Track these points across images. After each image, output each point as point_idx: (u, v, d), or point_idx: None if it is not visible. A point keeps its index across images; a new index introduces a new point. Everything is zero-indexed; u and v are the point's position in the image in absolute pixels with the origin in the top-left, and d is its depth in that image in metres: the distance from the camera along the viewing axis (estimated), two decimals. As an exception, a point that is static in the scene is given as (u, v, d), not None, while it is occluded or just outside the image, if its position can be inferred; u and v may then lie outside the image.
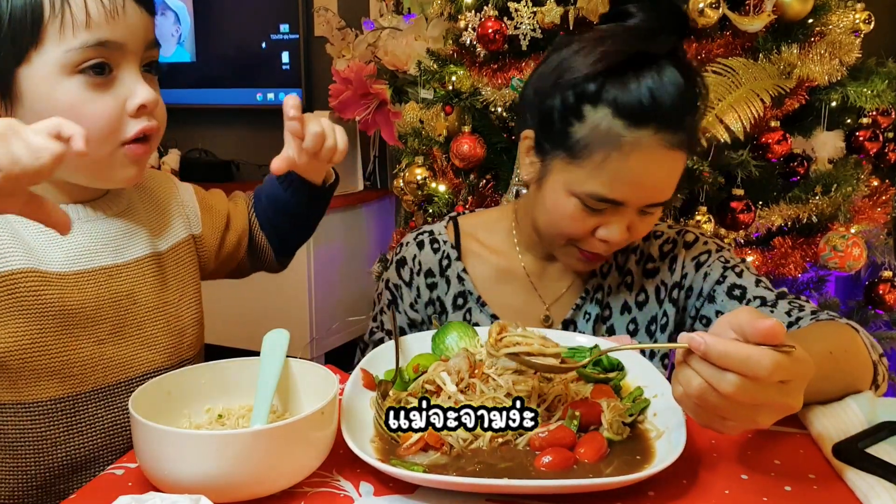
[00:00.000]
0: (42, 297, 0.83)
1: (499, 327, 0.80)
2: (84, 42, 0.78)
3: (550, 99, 0.98)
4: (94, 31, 0.79)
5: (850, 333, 0.90)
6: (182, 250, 1.00)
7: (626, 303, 1.12)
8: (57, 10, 0.78)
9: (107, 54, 0.80)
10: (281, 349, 0.83)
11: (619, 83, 0.92)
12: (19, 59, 0.79)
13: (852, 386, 0.87)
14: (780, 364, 0.61)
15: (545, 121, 0.99)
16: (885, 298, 1.81)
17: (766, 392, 0.62)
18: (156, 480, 0.67)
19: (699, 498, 0.68)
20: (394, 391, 0.84)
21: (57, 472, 0.86)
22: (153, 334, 0.92)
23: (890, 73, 1.70)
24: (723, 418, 0.65)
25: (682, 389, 0.66)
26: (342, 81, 2.53)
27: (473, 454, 0.72)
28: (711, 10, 1.54)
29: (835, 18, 1.65)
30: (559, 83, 0.96)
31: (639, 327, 1.11)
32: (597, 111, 0.93)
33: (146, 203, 0.98)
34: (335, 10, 2.97)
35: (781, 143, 1.63)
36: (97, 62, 0.80)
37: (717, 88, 1.51)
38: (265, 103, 3.25)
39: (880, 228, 1.83)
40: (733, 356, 0.61)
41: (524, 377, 0.81)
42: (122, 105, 0.82)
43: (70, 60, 0.79)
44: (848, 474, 0.70)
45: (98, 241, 0.89)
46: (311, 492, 0.69)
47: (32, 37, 0.78)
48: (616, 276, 1.13)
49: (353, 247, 3.00)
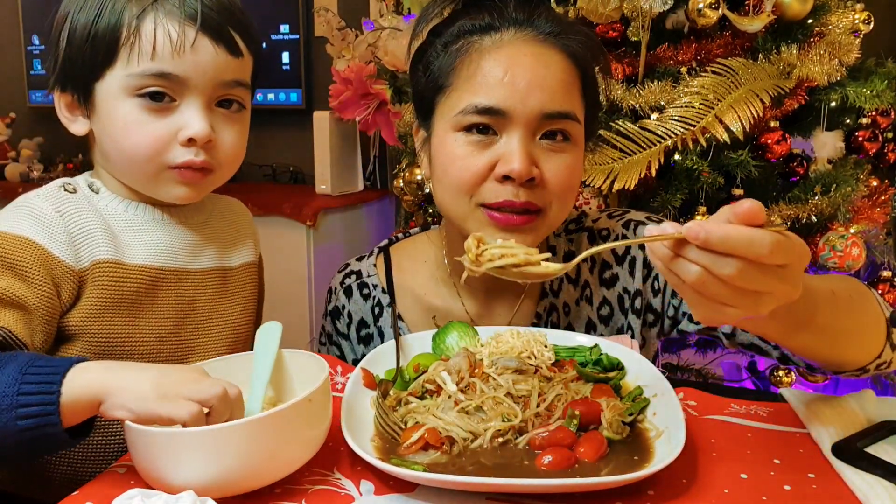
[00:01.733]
0: (120, 288, 0.89)
1: (476, 241, 0.72)
2: (144, 70, 0.85)
3: (418, 73, 0.99)
4: (157, 62, 0.85)
5: (862, 287, 0.88)
6: (249, 271, 1.06)
7: (589, 319, 1.05)
8: (131, 38, 0.85)
9: (166, 85, 0.86)
10: (274, 341, 0.84)
11: (469, 13, 0.95)
12: (97, 74, 0.87)
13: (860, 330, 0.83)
14: (779, 243, 0.60)
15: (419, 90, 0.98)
16: (885, 298, 1.81)
17: (767, 276, 0.61)
18: (151, 481, 0.67)
19: (699, 497, 0.68)
20: (394, 391, 0.84)
21: (89, 453, 0.90)
22: (205, 342, 0.97)
23: (889, 74, 1.70)
24: (723, 305, 0.63)
25: (676, 279, 0.64)
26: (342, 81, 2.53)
27: (473, 453, 0.73)
28: (711, 10, 1.54)
29: (834, 19, 1.65)
30: (422, 48, 0.98)
31: None
32: (457, 43, 0.94)
33: (222, 222, 1.04)
34: (335, 10, 2.97)
35: (781, 143, 1.63)
36: (154, 90, 0.86)
37: (716, 88, 1.51)
38: (265, 103, 3.25)
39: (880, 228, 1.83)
40: (735, 237, 0.59)
41: (524, 377, 0.81)
42: (173, 133, 0.87)
43: (130, 84, 0.86)
44: (847, 474, 0.70)
45: (174, 245, 0.95)
46: (312, 489, 0.69)
47: (108, 57, 0.86)
48: (571, 291, 1.05)
49: (353, 247, 3.00)
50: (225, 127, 0.91)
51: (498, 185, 0.90)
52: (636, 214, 1.08)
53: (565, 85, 0.91)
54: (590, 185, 1.54)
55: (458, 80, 0.92)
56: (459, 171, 0.91)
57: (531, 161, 0.89)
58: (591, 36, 0.97)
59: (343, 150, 2.94)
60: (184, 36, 0.85)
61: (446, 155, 0.92)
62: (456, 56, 0.93)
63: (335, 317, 1.11)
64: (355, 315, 1.08)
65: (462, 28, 0.95)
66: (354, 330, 1.08)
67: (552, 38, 0.92)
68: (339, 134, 2.89)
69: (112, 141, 0.89)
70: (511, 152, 0.89)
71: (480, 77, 0.90)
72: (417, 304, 1.06)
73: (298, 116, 3.19)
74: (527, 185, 0.90)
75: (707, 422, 0.83)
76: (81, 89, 0.90)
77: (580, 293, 1.05)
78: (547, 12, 0.95)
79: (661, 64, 1.63)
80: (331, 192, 2.90)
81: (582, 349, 0.91)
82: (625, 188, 1.49)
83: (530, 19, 0.93)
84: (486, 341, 0.90)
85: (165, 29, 0.85)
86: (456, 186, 0.92)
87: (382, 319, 1.06)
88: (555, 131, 0.91)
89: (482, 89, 0.90)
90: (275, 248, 2.82)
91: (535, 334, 0.90)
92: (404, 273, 1.08)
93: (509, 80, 0.89)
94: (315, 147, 2.88)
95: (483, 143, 0.91)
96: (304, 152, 3.06)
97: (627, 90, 1.60)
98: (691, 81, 1.54)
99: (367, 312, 1.08)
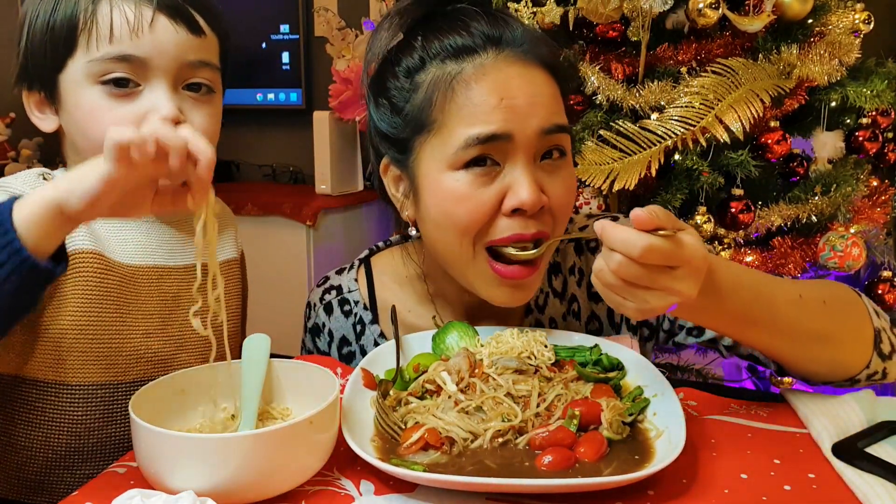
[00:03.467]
0: (105, 280, 0.87)
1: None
2: (104, 55, 0.83)
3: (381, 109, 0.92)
4: (116, 45, 0.83)
5: (850, 294, 0.88)
6: (232, 267, 1.04)
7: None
8: (88, 24, 0.84)
9: (128, 69, 0.84)
10: (262, 353, 0.83)
11: (432, 34, 0.89)
12: (58, 66, 0.86)
13: (836, 336, 0.84)
14: (652, 246, 0.67)
15: (392, 131, 0.91)
16: (885, 298, 1.81)
17: (650, 274, 0.68)
18: (153, 482, 0.67)
19: (699, 497, 0.68)
20: (394, 391, 0.84)
21: (86, 455, 0.89)
22: (191, 338, 0.95)
23: (889, 73, 1.70)
24: (622, 298, 0.71)
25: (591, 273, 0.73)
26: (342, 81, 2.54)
27: (473, 453, 0.72)
28: (711, 10, 1.54)
29: (834, 19, 1.66)
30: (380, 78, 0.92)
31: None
32: (427, 71, 0.88)
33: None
34: (335, 10, 2.97)
35: (781, 143, 1.63)
36: (118, 76, 0.84)
37: (716, 88, 1.51)
38: (265, 103, 3.25)
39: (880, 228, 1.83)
40: (610, 236, 0.69)
41: (524, 377, 0.81)
42: (140, 117, 0.83)
43: (92, 70, 0.84)
44: (848, 474, 0.70)
45: (153, 241, 0.93)
46: (312, 490, 0.69)
47: (67, 46, 0.85)
48: (558, 306, 1.01)
49: (353, 247, 3.00)
50: (194, 110, 0.88)
51: (506, 219, 0.86)
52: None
53: (554, 98, 0.89)
54: (590, 186, 1.54)
55: (444, 115, 0.86)
56: (467, 211, 0.85)
57: (539, 188, 0.85)
58: (548, 40, 0.95)
59: (343, 150, 2.94)
60: (140, 16, 0.84)
61: (446, 196, 0.86)
62: (434, 90, 0.86)
63: (315, 334, 1.07)
64: (336, 333, 1.04)
65: (429, 52, 0.88)
66: (336, 349, 1.04)
67: (530, 54, 0.89)
68: (339, 134, 2.89)
69: (79, 131, 0.87)
70: (518, 182, 0.84)
71: (472, 107, 0.84)
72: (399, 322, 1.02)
73: (298, 116, 3.20)
74: (535, 217, 0.86)
75: (707, 422, 0.83)
76: (46, 84, 0.88)
77: (567, 307, 1.02)
78: (513, 24, 0.91)
79: (661, 64, 1.64)
80: (331, 192, 2.90)
81: (582, 349, 0.91)
82: (625, 188, 1.49)
83: (503, 36, 0.89)
84: (487, 341, 0.90)
85: (122, 10, 0.84)
86: (463, 228, 0.86)
87: (364, 338, 1.02)
88: (551, 149, 0.88)
89: (478, 119, 0.84)
90: (275, 248, 2.83)
91: (535, 334, 0.90)
92: (386, 288, 1.04)
93: (506, 104, 0.84)
94: (315, 147, 2.89)
95: (487, 176, 0.85)
96: (304, 152, 3.06)
97: (627, 90, 1.60)
98: (691, 81, 1.54)
99: (348, 330, 1.04)
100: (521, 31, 0.90)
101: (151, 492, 0.64)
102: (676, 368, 1.82)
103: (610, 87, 1.61)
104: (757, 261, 1.68)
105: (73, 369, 0.86)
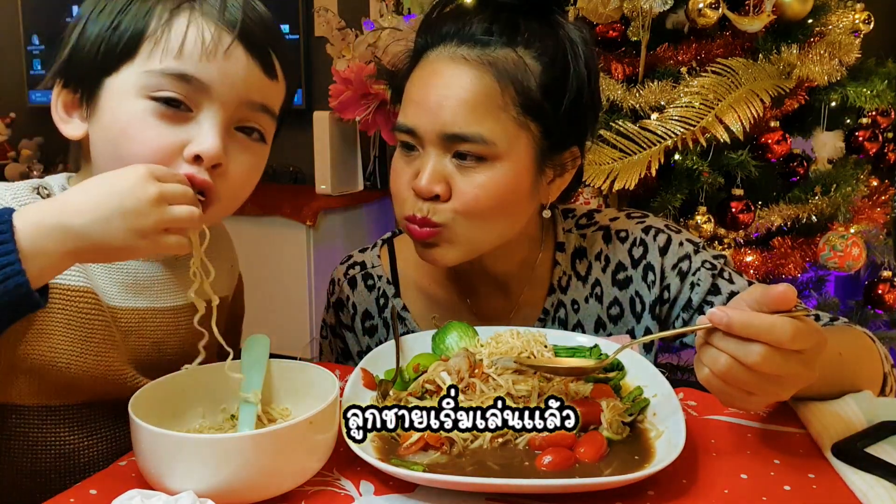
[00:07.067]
0: (93, 319, 0.81)
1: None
2: (166, 68, 0.75)
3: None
4: (181, 62, 0.75)
5: (866, 340, 0.89)
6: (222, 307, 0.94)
7: (599, 318, 1.04)
8: (158, 32, 0.76)
9: (186, 90, 0.76)
10: (262, 354, 0.82)
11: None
12: (110, 68, 0.77)
13: (859, 384, 0.85)
14: (800, 330, 0.62)
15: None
16: (885, 298, 1.81)
17: (789, 361, 0.63)
18: (153, 482, 0.67)
19: (699, 497, 0.68)
20: (394, 391, 0.84)
21: (77, 477, 0.82)
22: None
23: (889, 73, 1.70)
24: (748, 394, 0.66)
25: (707, 370, 0.67)
26: (342, 81, 2.53)
27: (473, 453, 0.72)
28: (711, 10, 1.54)
29: (834, 19, 1.66)
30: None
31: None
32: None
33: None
34: (335, 10, 2.97)
35: (781, 143, 1.63)
36: (171, 95, 0.75)
37: (717, 88, 1.51)
38: (265, 103, 3.25)
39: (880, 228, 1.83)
40: (756, 325, 0.62)
41: (524, 377, 0.81)
42: (180, 145, 0.76)
43: (146, 82, 0.76)
44: (848, 474, 0.70)
45: (140, 282, 0.87)
46: (312, 490, 0.69)
47: (127, 50, 0.77)
48: (580, 289, 1.04)
49: (353, 247, 2.98)
50: (239, 155, 0.80)
51: (413, 198, 0.92)
52: (655, 220, 1.06)
53: (469, 105, 0.88)
54: (590, 186, 1.54)
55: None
56: (394, 184, 0.95)
57: (436, 179, 0.90)
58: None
59: (343, 150, 2.94)
60: (218, 40, 0.76)
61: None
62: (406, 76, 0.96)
63: (339, 308, 1.09)
64: (360, 306, 1.07)
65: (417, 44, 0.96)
66: (359, 321, 1.07)
67: (474, 54, 0.89)
68: (339, 134, 2.89)
69: (109, 145, 0.78)
70: (423, 169, 0.91)
71: (406, 97, 0.94)
72: (422, 295, 1.06)
73: (298, 116, 3.19)
74: (431, 201, 0.91)
75: (707, 422, 0.83)
76: (88, 85, 0.79)
77: (590, 290, 1.04)
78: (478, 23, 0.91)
79: (661, 64, 1.64)
80: (331, 193, 2.90)
81: (582, 349, 0.91)
82: (625, 188, 1.49)
83: (458, 33, 0.91)
84: (486, 341, 0.90)
85: (199, 28, 0.76)
86: (393, 198, 0.96)
87: (387, 311, 1.05)
88: (463, 153, 0.90)
89: (404, 110, 0.94)
90: (275, 248, 2.83)
91: (534, 334, 0.90)
92: (408, 264, 1.07)
93: (421, 100, 0.91)
94: (315, 147, 2.89)
95: (411, 158, 0.94)
96: (304, 152, 3.06)
97: (627, 90, 1.60)
98: (691, 81, 1.54)
99: (371, 304, 1.07)
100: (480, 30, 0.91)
101: (151, 492, 0.64)
102: (676, 368, 1.82)
103: (610, 87, 1.61)
104: (757, 261, 1.68)
105: (56, 395, 0.81)
